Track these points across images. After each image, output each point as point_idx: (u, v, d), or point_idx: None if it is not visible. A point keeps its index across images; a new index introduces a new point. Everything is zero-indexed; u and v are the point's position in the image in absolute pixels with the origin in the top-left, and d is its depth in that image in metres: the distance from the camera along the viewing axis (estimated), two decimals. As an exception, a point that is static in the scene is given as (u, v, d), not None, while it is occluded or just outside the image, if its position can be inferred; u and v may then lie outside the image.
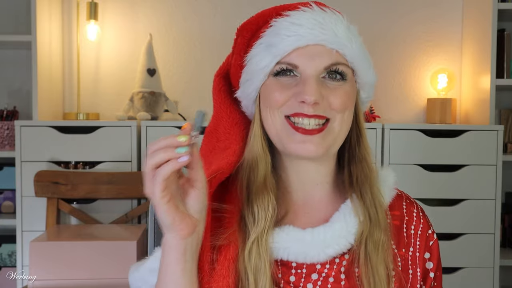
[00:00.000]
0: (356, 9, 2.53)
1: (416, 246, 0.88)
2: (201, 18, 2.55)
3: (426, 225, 0.91)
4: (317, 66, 0.80)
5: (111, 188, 2.08)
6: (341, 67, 0.81)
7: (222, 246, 0.81)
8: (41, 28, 2.25)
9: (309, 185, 0.88)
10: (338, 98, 0.81)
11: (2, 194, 2.37)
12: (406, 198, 0.93)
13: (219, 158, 0.87)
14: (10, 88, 2.54)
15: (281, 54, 0.81)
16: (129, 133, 2.13)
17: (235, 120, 0.90)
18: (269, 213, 0.82)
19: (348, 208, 0.85)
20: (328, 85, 0.81)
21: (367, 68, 0.85)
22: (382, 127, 2.17)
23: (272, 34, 0.82)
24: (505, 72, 2.37)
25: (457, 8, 2.57)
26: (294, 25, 0.80)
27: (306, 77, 0.80)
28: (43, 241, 1.72)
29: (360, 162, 0.87)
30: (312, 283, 0.83)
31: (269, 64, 0.81)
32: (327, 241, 0.82)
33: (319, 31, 0.80)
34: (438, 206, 2.16)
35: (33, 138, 2.11)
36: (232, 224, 0.83)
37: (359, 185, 0.85)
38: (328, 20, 0.81)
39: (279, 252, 0.83)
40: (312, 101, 0.78)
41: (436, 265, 0.89)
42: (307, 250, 0.82)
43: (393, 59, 2.57)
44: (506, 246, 2.47)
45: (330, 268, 0.83)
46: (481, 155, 2.16)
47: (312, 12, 0.82)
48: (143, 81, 2.34)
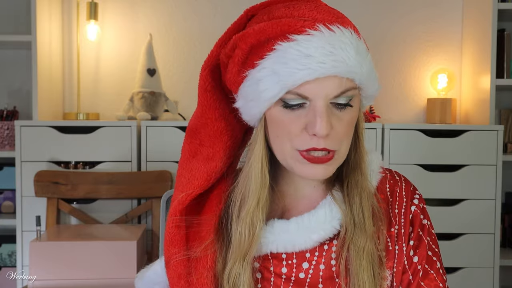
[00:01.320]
0: (356, 9, 2.54)
1: (401, 223, 0.89)
2: (201, 18, 2.55)
3: (409, 201, 0.91)
4: (327, 96, 0.78)
5: (111, 188, 2.08)
6: (349, 92, 0.79)
7: (200, 257, 0.84)
8: (41, 28, 2.25)
9: (306, 188, 0.91)
10: (345, 127, 0.81)
11: (2, 194, 2.37)
12: (390, 179, 0.93)
13: (202, 169, 0.88)
14: (10, 88, 2.54)
15: (290, 87, 0.77)
16: (129, 133, 2.13)
17: (220, 129, 0.88)
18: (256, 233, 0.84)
19: (334, 198, 0.86)
20: (336, 113, 0.80)
21: (374, 81, 0.84)
22: (382, 127, 2.17)
23: (278, 61, 0.77)
24: (505, 72, 2.37)
25: (457, 8, 2.57)
26: (303, 56, 0.76)
27: (316, 109, 0.78)
28: (43, 241, 1.72)
29: (353, 169, 0.87)
30: (304, 272, 0.85)
31: (277, 94, 0.78)
32: (311, 227, 0.84)
33: (331, 64, 0.76)
34: (438, 206, 2.16)
35: (33, 138, 2.11)
36: (210, 234, 0.85)
37: (348, 191, 0.86)
38: (338, 47, 0.76)
39: (268, 246, 0.85)
40: (324, 135, 0.77)
41: (417, 234, 0.89)
42: (294, 238, 0.84)
43: (393, 59, 2.57)
44: (506, 246, 2.47)
45: (320, 256, 0.85)
46: (481, 155, 2.16)
47: (321, 37, 0.76)
48: (143, 81, 2.34)
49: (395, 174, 0.94)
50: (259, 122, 0.84)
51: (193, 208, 0.89)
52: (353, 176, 0.87)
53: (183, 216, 0.87)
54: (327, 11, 0.80)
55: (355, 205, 0.85)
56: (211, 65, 0.88)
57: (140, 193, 2.08)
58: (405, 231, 0.89)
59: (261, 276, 0.87)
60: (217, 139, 0.88)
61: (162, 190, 2.03)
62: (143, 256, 1.89)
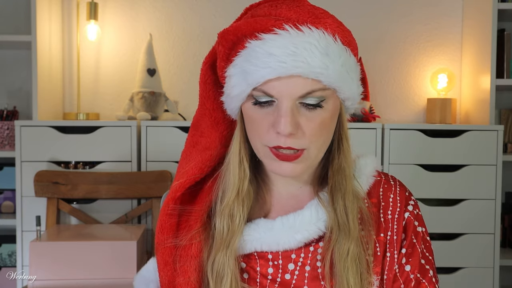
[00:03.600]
0: (357, 10, 2.53)
1: (393, 230, 0.88)
2: (201, 18, 2.55)
3: (403, 207, 0.90)
4: (291, 96, 0.78)
5: (111, 188, 2.08)
6: (317, 93, 0.79)
7: (186, 245, 0.86)
8: (41, 28, 2.25)
9: (289, 190, 0.91)
10: (313, 129, 0.80)
11: (2, 194, 2.37)
12: (384, 183, 0.92)
13: (198, 157, 0.90)
14: (10, 88, 2.54)
15: (254, 84, 0.79)
16: (129, 133, 2.13)
17: (217, 119, 0.91)
18: (236, 226, 0.85)
19: (321, 200, 0.87)
20: (305, 113, 0.79)
21: (349, 84, 0.82)
22: (382, 127, 2.17)
23: (245, 60, 0.79)
24: (505, 72, 2.37)
25: (457, 8, 2.57)
26: (266, 54, 0.77)
27: (280, 108, 0.78)
28: (43, 241, 1.72)
29: (337, 172, 0.87)
30: (290, 273, 0.86)
31: (244, 90, 0.80)
32: (296, 227, 0.85)
33: (291, 64, 0.76)
34: (438, 206, 2.16)
35: (33, 138, 2.11)
36: (197, 224, 0.87)
37: (332, 193, 0.86)
38: (302, 47, 0.76)
39: (253, 244, 0.86)
40: (287, 133, 0.78)
41: (409, 243, 0.88)
42: (278, 237, 0.85)
43: (393, 59, 2.57)
44: (506, 246, 2.47)
45: (305, 257, 0.86)
46: (481, 155, 2.16)
47: (286, 37, 0.77)
48: (143, 81, 2.34)
49: (390, 179, 0.93)
50: (238, 117, 0.87)
51: (188, 198, 0.90)
52: (337, 179, 0.86)
53: (176, 205, 0.89)
54: (307, 11, 0.80)
55: (338, 208, 0.85)
56: (211, 60, 0.91)
57: (140, 193, 2.08)
58: (398, 237, 0.88)
59: (248, 277, 0.87)
60: (213, 129, 0.91)
61: (162, 190, 2.03)
62: (143, 256, 1.89)
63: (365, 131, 2.16)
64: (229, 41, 0.82)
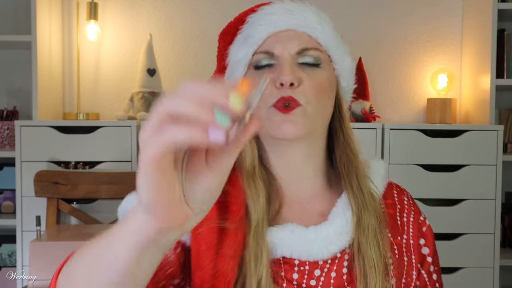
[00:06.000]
0: (357, 9, 2.53)
1: (409, 233, 0.89)
2: (201, 18, 2.55)
3: (418, 212, 0.92)
4: (289, 50, 0.83)
5: (111, 188, 2.08)
6: (313, 52, 0.84)
7: (230, 230, 0.80)
8: (41, 28, 2.25)
9: (300, 179, 0.89)
10: (312, 85, 0.83)
11: (2, 194, 2.37)
12: (396, 187, 0.95)
13: None
14: (10, 88, 2.54)
15: (256, 43, 0.85)
16: (129, 133, 2.13)
17: None
18: (260, 204, 0.82)
19: (345, 203, 0.85)
20: (305, 70, 0.84)
21: (342, 54, 0.88)
22: (382, 127, 2.17)
23: (248, 27, 0.87)
24: (505, 72, 2.37)
25: (457, 8, 2.57)
26: (266, 15, 0.86)
27: (281, 62, 0.83)
28: (43, 241, 1.72)
29: (344, 148, 0.88)
30: (315, 279, 0.83)
31: (246, 54, 0.86)
32: (330, 238, 0.83)
33: (289, 17, 0.85)
34: (438, 206, 2.16)
35: (33, 138, 2.11)
36: (239, 210, 0.81)
37: (345, 172, 0.87)
38: (297, 8, 0.87)
39: (283, 250, 0.82)
40: (288, 81, 0.80)
41: (433, 251, 0.91)
42: (311, 248, 0.82)
43: (393, 59, 2.57)
44: (506, 246, 2.47)
45: (332, 263, 0.84)
46: (481, 155, 2.16)
47: (283, 4, 0.88)
48: (143, 81, 2.35)
49: (399, 185, 0.96)
50: None
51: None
52: (346, 156, 0.88)
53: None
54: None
55: (354, 184, 0.85)
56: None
57: (140, 193, 2.08)
58: (414, 242, 0.89)
59: (273, 281, 0.84)
60: None
61: (162, 190, 2.03)
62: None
63: (365, 131, 2.16)
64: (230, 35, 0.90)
